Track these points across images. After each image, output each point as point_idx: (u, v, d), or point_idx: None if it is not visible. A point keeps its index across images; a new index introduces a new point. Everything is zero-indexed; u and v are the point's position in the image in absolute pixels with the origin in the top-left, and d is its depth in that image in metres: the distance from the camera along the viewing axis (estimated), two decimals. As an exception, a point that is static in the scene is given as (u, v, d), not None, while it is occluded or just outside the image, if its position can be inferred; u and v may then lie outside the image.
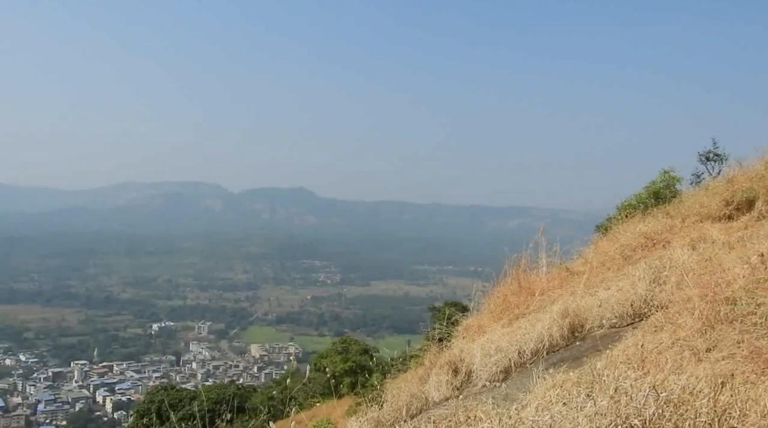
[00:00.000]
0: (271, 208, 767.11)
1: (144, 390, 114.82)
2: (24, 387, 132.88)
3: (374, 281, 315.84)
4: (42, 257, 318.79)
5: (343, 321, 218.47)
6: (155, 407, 22.06)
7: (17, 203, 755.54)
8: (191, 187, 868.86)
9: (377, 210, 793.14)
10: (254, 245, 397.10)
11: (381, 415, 6.54)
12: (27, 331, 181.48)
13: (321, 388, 29.23)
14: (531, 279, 10.12)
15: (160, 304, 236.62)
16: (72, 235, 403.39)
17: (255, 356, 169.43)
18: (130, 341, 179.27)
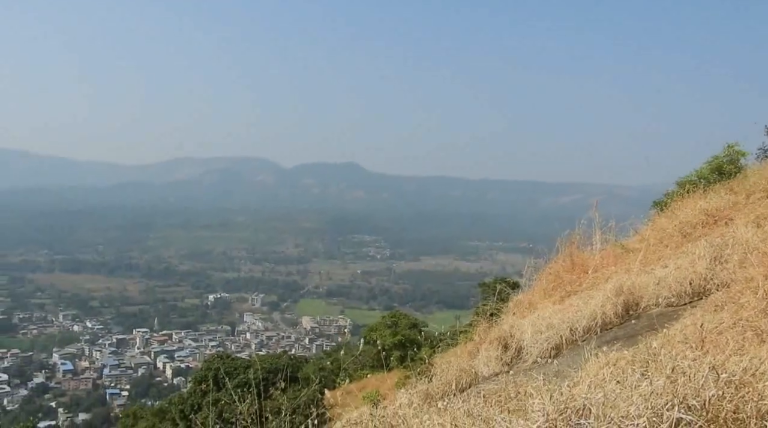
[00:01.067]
0: (322, 183, 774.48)
1: (201, 357, 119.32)
2: (90, 352, 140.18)
3: (424, 257, 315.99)
4: (105, 229, 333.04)
5: (392, 296, 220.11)
6: (212, 374, 22.86)
7: (81, 177, 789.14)
8: (244, 162, 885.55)
9: (427, 186, 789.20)
10: (305, 219, 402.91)
11: (431, 388, 6.60)
12: (92, 300, 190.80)
13: (371, 361, 29.64)
14: (584, 256, 9.91)
15: (216, 276, 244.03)
16: (132, 209, 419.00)
17: (306, 328, 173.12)
18: (188, 311, 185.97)
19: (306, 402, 7.62)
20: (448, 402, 4.29)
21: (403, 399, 5.72)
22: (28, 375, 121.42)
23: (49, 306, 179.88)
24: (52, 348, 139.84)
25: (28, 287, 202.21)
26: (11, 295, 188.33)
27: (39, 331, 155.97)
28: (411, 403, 5.34)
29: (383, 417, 4.45)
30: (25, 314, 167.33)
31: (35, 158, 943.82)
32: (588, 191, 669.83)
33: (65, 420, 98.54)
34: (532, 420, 3.30)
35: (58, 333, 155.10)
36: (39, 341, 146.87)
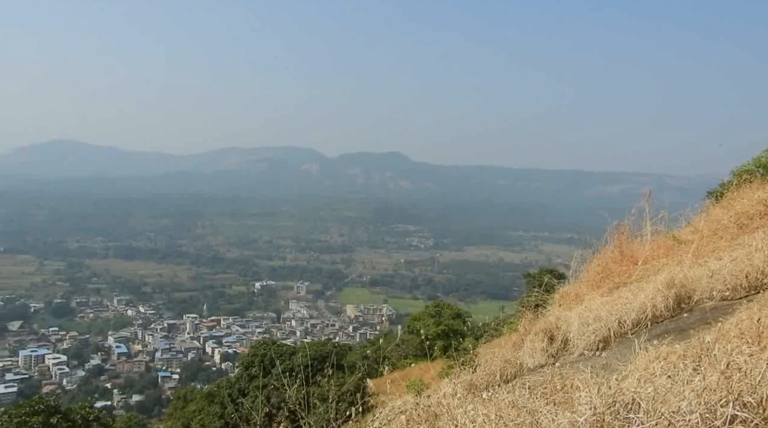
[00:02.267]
0: (366, 172, 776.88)
1: (248, 343, 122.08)
2: (143, 336, 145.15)
3: (467, 247, 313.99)
4: (156, 217, 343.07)
5: (435, 285, 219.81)
6: (258, 360, 23.35)
7: (133, 167, 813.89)
8: (290, 152, 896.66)
9: (471, 175, 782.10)
10: (349, 208, 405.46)
11: (475, 378, 6.58)
12: (145, 285, 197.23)
13: (414, 350, 29.76)
14: (634, 247, 9.67)
15: (262, 264, 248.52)
16: (181, 197, 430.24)
17: (350, 316, 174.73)
18: (235, 297, 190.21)
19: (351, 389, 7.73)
20: (493, 392, 4.28)
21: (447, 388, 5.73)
22: (86, 357, 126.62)
23: (105, 291, 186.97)
24: (107, 331, 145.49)
25: (84, 273, 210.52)
26: (69, 280, 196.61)
27: (95, 315, 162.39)
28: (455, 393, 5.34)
29: (427, 405, 4.47)
30: (83, 299, 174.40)
31: (90, 148, 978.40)
32: (636, 181, 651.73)
33: (120, 400, 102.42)
34: (579, 413, 3.23)
35: (113, 317, 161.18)
36: (95, 324, 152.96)
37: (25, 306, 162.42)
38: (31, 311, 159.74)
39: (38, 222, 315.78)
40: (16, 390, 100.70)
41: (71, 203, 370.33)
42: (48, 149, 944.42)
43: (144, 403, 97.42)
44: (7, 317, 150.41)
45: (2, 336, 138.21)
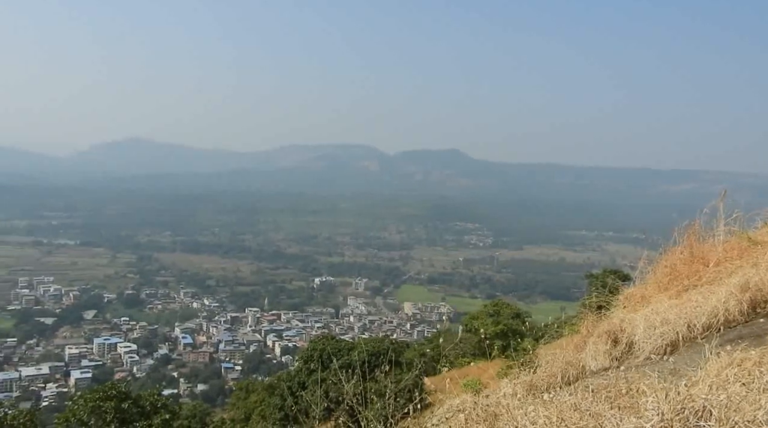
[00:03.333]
0: (425, 170, 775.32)
1: (307, 338, 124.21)
2: (208, 327, 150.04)
3: (528, 246, 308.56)
4: (220, 213, 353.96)
5: (494, 284, 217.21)
6: (317, 354, 23.66)
7: (200, 164, 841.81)
8: (350, 149, 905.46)
9: (532, 173, 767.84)
10: (408, 206, 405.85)
11: (535, 379, 6.46)
12: (209, 279, 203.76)
13: (472, 349, 29.48)
14: (705, 248, 9.24)
15: (321, 260, 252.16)
16: (244, 194, 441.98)
17: (408, 313, 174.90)
18: (295, 292, 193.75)
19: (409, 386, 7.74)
20: (554, 394, 4.19)
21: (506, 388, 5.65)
22: (154, 346, 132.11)
23: (172, 284, 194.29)
24: (174, 322, 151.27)
25: (153, 266, 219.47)
26: (140, 272, 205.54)
27: (163, 306, 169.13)
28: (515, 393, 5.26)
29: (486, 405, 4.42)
30: (151, 291, 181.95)
31: (162, 146, 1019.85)
32: (707, 179, 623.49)
33: (185, 389, 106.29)
34: (645, 418, 3.10)
35: (180, 308, 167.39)
36: (163, 315, 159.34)
37: (99, 297, 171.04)
38: (105, 301, 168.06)
39: (112, 217, 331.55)
40: (90, 376, 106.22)
41: (142, 199, 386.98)
42: (122, 146, 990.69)
43: (208, 392, 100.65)
44: (83, 307, 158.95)
45: (78, 325, 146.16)
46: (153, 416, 17.98)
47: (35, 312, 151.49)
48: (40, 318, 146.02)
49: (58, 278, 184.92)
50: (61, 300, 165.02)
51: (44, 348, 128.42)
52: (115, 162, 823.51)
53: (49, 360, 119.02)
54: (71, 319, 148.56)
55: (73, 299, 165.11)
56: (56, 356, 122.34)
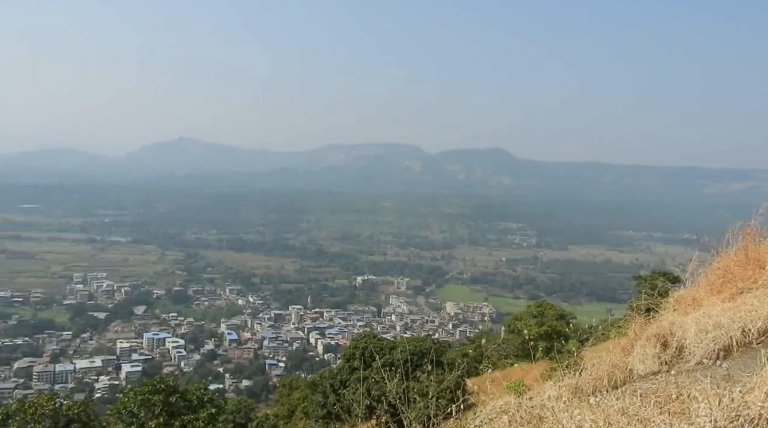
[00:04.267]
0: (467, 169, 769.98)
1: (349, 336, 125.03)
2: (252, 324, 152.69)
3: (573, 246, 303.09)
4: (265, 212, 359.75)
5: (538, 285, 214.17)
6: (359, 353, 23.78)
7: (245, 164, 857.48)
8: (392, 148, 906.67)
9: (577, 172, 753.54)
10: (450, 205, 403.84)
11: (580, 382, 6.33)
12: (254, 276, 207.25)
13: (515, 350, 29.13)
14: (762, 250, 8.88)
15: (364, 259, 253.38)
16: (288, 193, 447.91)
17: (450, 313, 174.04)
18: (338, 291, 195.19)
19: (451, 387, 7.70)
20: (601, 398, 4.11)
21: (551, 391, 5.56)
22: (201, 342, 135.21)
23: (218, 281, 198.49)
24: (220, 318, 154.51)
25: (200, 263, 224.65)
26: (187, 270, 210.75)
27: (209, 303, 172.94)
28: (560, 396, 5.18)
29: (531, 407, 4.37)
30: (198, 287, 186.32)
31: (208, 146, 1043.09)
32: (763, 178, 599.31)
33: (231, 384, 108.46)
34: (697, 425, 3.02)
35: (225, 305, 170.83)
36: (209, 312, 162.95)
37: (149, 293, 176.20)
38: (154, 297, 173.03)
39: (161, 215, 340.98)
40: (140, 370, 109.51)
41: (190, 198, 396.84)
42: (171, 146, 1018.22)
43: (252, 388, 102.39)
44: (133, 302, 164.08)
45: (129, 319, 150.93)
46: (199, 410, 18.39)
47: (89, 307, 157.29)
48: (93, 313, 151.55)
49: (111, 274, 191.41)
50: (113, 296, 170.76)
51: (97, 342, 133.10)
52: (164, 162, 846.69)
53: (101, 353, 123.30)
54: (122, 314, 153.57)
55: (124, 295, 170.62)
56: (108, 349, 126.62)
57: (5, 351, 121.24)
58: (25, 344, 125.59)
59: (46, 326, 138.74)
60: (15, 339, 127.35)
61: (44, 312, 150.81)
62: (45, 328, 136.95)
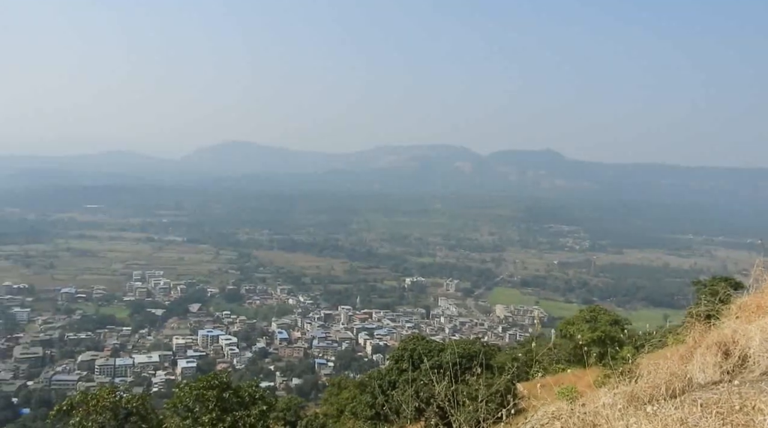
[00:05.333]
0: (519, 170, 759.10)
1: (398, 337, 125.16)
2: (302, 323, 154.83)
3: (628, 249, 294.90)
4: (315, 213, 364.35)
5: (591, 289, 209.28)
6: (408, 354, 23.77)
7: (296, 165, 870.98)
8: (442, 150, 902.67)
9: (632, 173, 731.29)
10: (501, 207, 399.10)
11: (636, 390, 6.15)
12: (304, 276, 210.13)
13: (566, 355, 28.50)
14: (833, 256, 8.44)
15: (413, 260, 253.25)
16: (338, 194, 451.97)
17: (499, 316, 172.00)
18: (387, 292, 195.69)
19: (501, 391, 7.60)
20: (658, 407, 3.98)
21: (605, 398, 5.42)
22: (252, 340, 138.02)
23: (269, 280, 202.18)
24: (271, 317, 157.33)
25: (252, 263, 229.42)
26: (240, 269, 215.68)
27: (261, 302, 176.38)
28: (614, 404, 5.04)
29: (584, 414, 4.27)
30: (251, 286, 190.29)
31: (261, 148, 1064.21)
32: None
33: (281, 382, 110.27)
34: (762, 439, 2.87)
35: (276, 304, 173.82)
36: (261, 311, 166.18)
37: (203, 291, 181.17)
38: (208, 295, 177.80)
39: (215, 215, 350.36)
40: (195, 365, 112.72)
41: (242, 199, 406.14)
42: (225, 149, 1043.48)
43: (302, 387, 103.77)
44: (189, 300, 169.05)
45: (185, 316, 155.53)
46: (251, 406, 18.74)
47: (147, 304, 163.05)
48: (151, 309, 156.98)
49: (167, 272, 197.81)
50: (169, 293, 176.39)
51: (155, 338, 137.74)
52: (219, 164, 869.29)
53: (158, 348, 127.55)
54: (178, 311, 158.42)
55: (180, 293, 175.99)
56: (165, 345, 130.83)
57: (70, 344, 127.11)
58: (88, 338, 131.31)
59: (107, 321, 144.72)
60: (79, 333, 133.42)
61: (106, 308, 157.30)
62: (106, 323, 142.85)
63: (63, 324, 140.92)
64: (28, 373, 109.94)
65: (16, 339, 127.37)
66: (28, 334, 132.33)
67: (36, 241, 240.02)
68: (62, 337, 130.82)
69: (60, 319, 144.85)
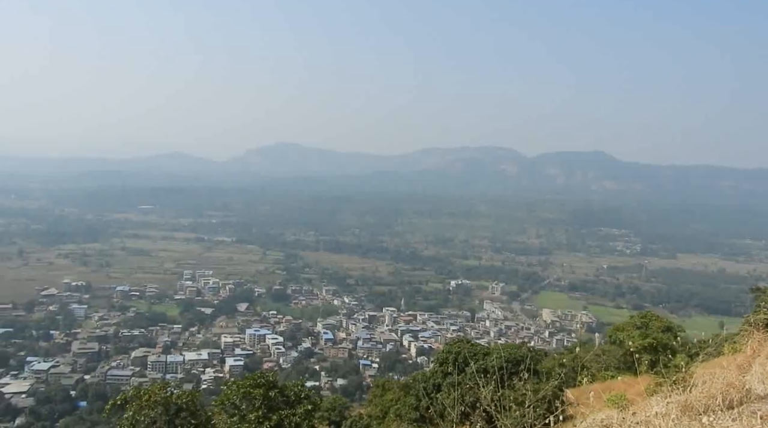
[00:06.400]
0: (567, 172, 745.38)
1: (442, 340, 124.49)
2: (347, 324, 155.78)
3: (682, 254, 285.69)
4: (361, 214, 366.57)
5: (642, 294, 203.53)
6: (452, 357, 23.60)
7: (342, 167, 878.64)
8: (487, 151, 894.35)
9: (687, 176, 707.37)
10: (548, 210, 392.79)
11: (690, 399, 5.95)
12: (349, 278, 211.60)
13: (615, 362, 27.81)
14: None
15: (457, 263, 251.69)
16: (383, 196, 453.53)
17: (546, 320, 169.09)
18: (431, 294, 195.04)
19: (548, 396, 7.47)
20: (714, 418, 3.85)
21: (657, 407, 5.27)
22: (298, 340, 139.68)
23: (315, 281, 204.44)
24: (316, 318, 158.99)
25: (299, 263, 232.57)
26: (287, 269, 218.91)
27: (307, 302, 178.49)
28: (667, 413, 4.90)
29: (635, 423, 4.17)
30: (297, 287, 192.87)
31: (307, 150, 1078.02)
32: None
33: (326, 382, 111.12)
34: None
35: (322, 305, 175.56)
36: (306, 311, 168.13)
37: (251, 290, 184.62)
38: (256, 295, 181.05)
39: (262, 216, 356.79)
40: (242, 364, 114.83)
41: (290, 200, 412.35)
42: (273, 151, 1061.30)
43: (347, 387, 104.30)
44: (236, 299, 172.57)
45: (233, 315, 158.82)
46: (296, 405, 18.99)
47: (197, 302, 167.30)
48: (200, 308, 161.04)
49: (216, 272, 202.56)
50: (218, 292, 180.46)
51: (204, 336, 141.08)
52: (267, 166, 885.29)
53: (207, 346, 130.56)
54: (227, 310, 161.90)
55: (228, 292, 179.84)
56: (214, 343, 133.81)
57: (124, 340, 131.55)
58: (140, 335, 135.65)
59: (159, 319, 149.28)
60: (132, 330, 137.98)
61: (158, 306, 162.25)
62: (158, 321, 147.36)
63: (118, 320, 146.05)
64: (85, 367, 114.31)
65: (75, 334, 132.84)
66: (86, 330, 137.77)
67: (93, 240, 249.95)
68: (117, 333, 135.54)
69: (115, 316, 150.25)
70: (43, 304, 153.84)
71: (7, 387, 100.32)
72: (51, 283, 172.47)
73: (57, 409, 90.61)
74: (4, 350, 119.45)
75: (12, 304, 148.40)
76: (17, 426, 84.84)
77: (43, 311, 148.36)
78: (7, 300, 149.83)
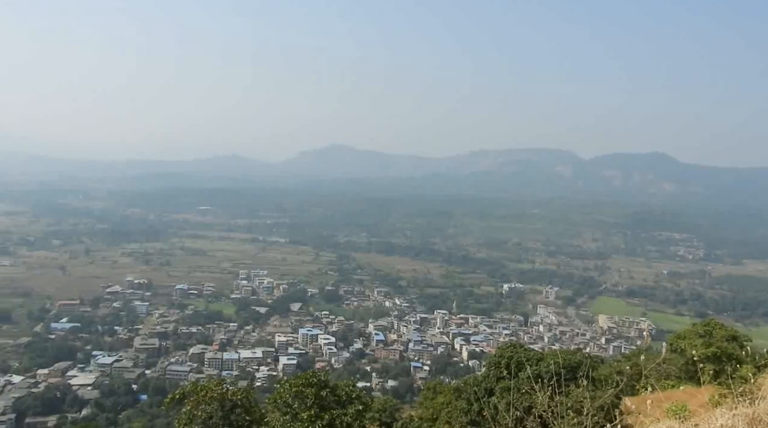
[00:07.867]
0: (624, 174, 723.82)
1: (495, 344, 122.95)
2: (398, 326, 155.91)
3: (748, 260, 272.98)
4: (412, 216, 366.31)
5: (705, 302, 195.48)
6: (505, 362, 23.31)
7: (394, 169, 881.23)
8: (542, 153, 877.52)
9: (753, 178, 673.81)
10: (604, 213, 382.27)
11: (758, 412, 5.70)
12: (401, 279, 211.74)
13: (676, 371, 26.85)
14: None
15: (510, 266, 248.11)
16: (434, 198, 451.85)
17: (603, 327, 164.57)
18: (483, 297, 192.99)
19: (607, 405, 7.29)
20: (785, 432, 3.68)
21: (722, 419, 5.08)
22: (350, 340, 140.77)
23: (367, 282, 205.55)
24: (368, 319, 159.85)
25: (351, 265, 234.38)
26: (339, 270, 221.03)
27: (358, 303, 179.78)
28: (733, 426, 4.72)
29: (699, 435, 4.03)
30: (349, 288, 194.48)
31: (359, 152, 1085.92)
32: None
33: (377, 383, 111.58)
34: None
35: (373, 306, 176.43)
36: (358, 312, 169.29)
37: (304, 291, 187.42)
38: (308, 295, 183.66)
39: (315, 218, 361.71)
40: (295, 363, 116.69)
41: (342, 202, 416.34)
42: (326, 153, 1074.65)
43: (397, 389, 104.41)
44: (290, 299, 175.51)
45: (286, 315, 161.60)
46: (348, 405, 19.16)
47: (252, 301, 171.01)
48: (255, 307, 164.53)
49: (271, 272, 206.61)
50: (272, 292, 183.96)
51: (258, 334, 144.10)
52: (319, 167, 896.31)
53: (262, 345, 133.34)
54: (280, 309, 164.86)
55: (282, 292, 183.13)
56: (267, 342, 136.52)
57: (183, 337, 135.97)
58: (198, 332, 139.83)
59: (215, 317, 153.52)
60: (190, 327, 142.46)
61: (215, 304, 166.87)
62: (215, 319, 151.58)
63: (177, 318, 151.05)
64: (146, 362, 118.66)
65: (137, 330, 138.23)
66: (147, 326, 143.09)
67: (155, 240, 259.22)
68: (176, 330, 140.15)
69: (174, 313, 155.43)
70: (108, 301, 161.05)
71: (74, 379, 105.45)
72: (115, 281, 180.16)
73: (120, 401, 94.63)
74: (72, 344, 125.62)
75: (80, 300, 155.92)
76: (83, 417, 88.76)
77: (108, 308, 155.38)
78: (75, 296, 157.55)
